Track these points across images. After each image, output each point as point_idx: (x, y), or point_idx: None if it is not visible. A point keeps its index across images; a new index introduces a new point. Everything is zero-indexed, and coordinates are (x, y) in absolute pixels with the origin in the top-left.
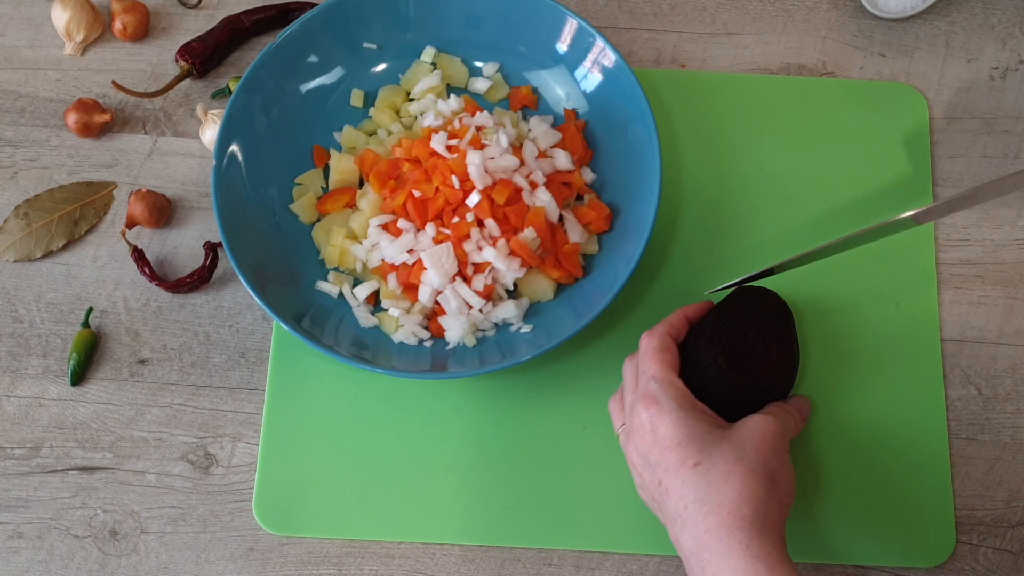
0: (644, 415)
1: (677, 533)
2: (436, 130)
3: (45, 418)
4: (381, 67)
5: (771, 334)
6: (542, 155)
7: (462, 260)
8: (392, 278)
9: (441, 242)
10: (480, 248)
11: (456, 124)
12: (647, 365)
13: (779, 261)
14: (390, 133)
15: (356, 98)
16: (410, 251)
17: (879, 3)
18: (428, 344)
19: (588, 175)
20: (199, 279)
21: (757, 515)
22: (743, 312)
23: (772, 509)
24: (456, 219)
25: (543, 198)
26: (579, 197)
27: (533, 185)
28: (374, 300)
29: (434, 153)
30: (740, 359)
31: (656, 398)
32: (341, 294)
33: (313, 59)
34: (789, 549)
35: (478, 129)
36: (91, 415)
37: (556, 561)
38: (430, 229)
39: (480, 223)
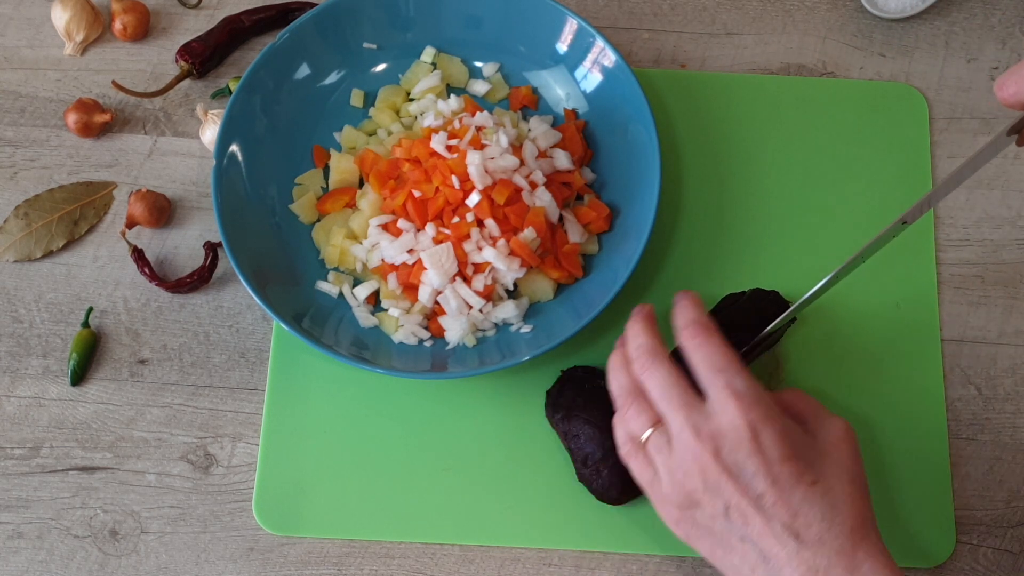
0: (742, 419)
1: (788, 553)
2: (436, 130)
3: (45, 418)
4: (381, 67)
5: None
6: (542, 155)
7: (462, 260)
8: (392, 278)
9: (441, 242)
10: (480, 248)
11: (456, 124)
12: (715, 350)
13: (793, 306)
14: (390, 133)
15: (356, 98)
16: (410, 251)
17: (879, 3)
18: (428, 344)
19: (588, 175)
20: (199, 279)
21: (872, 527)
22: (745, 309)
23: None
24: (456, 219)
25: (543, 198)
26: (579, 197)
27: (533, 185)
28: (374, 300)
29: (434, 153)
30: (746, 354)
31: (756, 402)
32: (341, 294)
33: (313, 59)
34: None
35: (478, 129)
36: (91, 415)
37: (556, 561)
38: (430, 229)
39: (480, 223)
